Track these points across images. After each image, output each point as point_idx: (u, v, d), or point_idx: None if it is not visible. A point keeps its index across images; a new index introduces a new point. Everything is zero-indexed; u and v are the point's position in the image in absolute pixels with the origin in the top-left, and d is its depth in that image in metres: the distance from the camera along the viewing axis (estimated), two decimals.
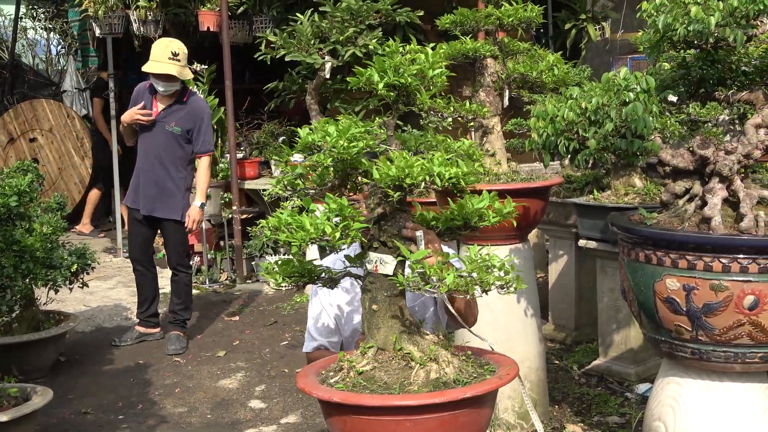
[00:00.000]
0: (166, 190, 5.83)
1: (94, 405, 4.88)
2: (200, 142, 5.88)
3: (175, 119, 5.80)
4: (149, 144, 5.85)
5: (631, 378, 4.80)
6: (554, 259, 5.81)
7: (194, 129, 5.84)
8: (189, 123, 5.82)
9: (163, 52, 5.66)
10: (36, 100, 10.52)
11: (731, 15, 2.77)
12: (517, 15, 4.27)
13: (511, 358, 2.54)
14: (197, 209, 5.92)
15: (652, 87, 2.89)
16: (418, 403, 2.22)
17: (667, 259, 2.70)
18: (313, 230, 2.28)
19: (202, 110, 5.94)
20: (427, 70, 2.41)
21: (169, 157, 5.82)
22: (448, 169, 2.27)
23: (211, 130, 6.08)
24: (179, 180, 5.87)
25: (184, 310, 6.03)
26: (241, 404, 4.86)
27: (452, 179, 2.28)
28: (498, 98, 4.36)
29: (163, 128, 5.80)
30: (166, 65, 5.63)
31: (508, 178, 4.20)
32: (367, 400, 2.26)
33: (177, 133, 5.80)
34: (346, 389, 2.34)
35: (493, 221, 2.40)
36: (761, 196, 2.77)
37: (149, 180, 5.83)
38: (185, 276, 6.02)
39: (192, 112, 5.85)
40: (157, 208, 5.84)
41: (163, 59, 5.64)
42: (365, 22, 7.30)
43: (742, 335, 2.67)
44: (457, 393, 2.25)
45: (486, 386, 2.30)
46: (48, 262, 5.13)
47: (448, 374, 2.35)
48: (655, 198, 4.31)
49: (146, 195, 5.84)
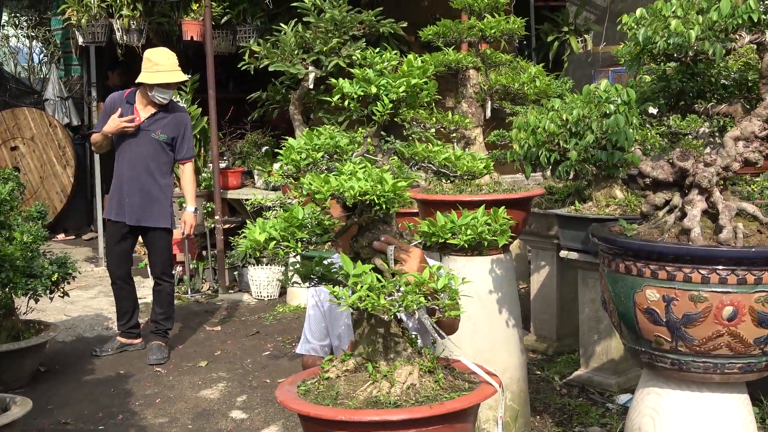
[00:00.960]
0: (153, 198, 5.81)
1: (74, 415, 4.84)
2: (184, 148, 5.95)
3: (161, 127, 5.83)
4: (134, 152, 5.81)
5: (612, 388, 4.82)
6: (536, 270, 5.83)
7: (178, 136, 5.89)
8: (174, 130, 5.87)
9: (171, 62, 5.76)
10: (18, 108, 10.48)
11: (711, 29, 2.79)
12: (499, 27, 4.30)
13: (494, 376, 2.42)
14: (192, 214, 6.04)
15: (632, 99, 2.91)
16: (369, 419, 2.13)
17: (647, 270, 2.72)
18: (259, 238, 2.24)
19: (185, 117, 6.02)
20: (394, 85, 2.34)
21: (156, 164, 5.83)
22: (357, 185, 2.14)
23: (192, 136, 6.17)
24: (165, 187, 5.89)
25: (166, 320, 6.00)
26: (223, 415, 4.84)
27: (364, 196, 2.16)
28: (480, 109, 4.39)
29: (149, 136, 5.80)
30: (179, 73, 5.79)
31: (490, 189, 4.22)
32: (325, 412, 2.18)
33: (163, 141, 5.83)
34: (312, 400, 2.28)
35: (465, 239, 2.31)
36: (740, 208, 2.79)
37: (135, 189, 5.79)
38: (168, 286, 6.00)
39: (176, 119, 5.90)
40: (144, 217, 5.81)
41: (174, 68, 5.76)
42: (349, 32, 7.33)
43: (721, 346, 2.69)
44: (423, 410, 2.14)
45: (457, 404, 2.19)
46: (28, 271, 5.10)
47: (419, 389, 2.26)
48: (635, 209, 4.34)
49: (132, 205, 5.80)
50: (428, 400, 2.21)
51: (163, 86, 5.74)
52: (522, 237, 5.66)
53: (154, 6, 8.03)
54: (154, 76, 5.70)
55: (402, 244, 2.38)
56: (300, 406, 2.24)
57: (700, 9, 2.89)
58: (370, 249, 2.35)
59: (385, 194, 2.16)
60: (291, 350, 5.96)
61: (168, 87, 5.78)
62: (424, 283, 2.18)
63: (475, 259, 4.17)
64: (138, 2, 7.86)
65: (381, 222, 2.35)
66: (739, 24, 2.75)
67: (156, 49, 5.98)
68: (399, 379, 2.27)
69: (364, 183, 2.15)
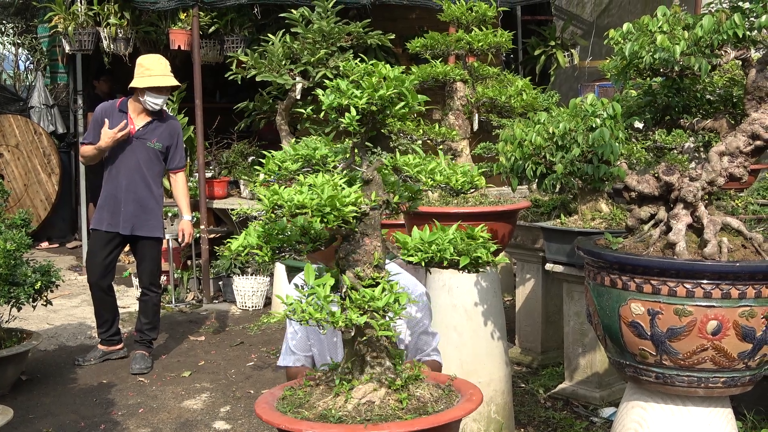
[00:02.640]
0: (148, 208, 5.78)
1: (56, 425, 4.80)
2: (177, 157, 5.95)
3: (156, 135, 5.81)
4: (129, 162, 5.77)
5: (597, 402, 4.83)
6: (521, 283, 5.84)
7: (172, 145, 5.89)
8: (168, 139, 5.86)
9: (164, 67, 5.73)
10: (3, 115, 10.43)
11: (696, 44, 2.82)
12: (487, 40, 4.32)
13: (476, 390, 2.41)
14: (189, 223, 6.06)
15: (618, 113, 2.93)
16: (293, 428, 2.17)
17: (632, 283, 2.73)
18: (233, 246, 2.28)
19: (177, 126, 6.01)
20: (359, 96, 2.29)
21: (151, 173, 5.81)
22: (296, 198, 2.15)
23: (183, 145, 6.14)
24: (159, 197, 5.88)
25: (151, 330, 5.96)
26: (206, 425, 4.81)
27: (302, 209, 2.16)
28: (467, 122, 4.40)
29: (144, 145, 5.78)
30: (171, 78, 5.74)
31: (476, 201, 4.22)
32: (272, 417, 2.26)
33: (158, 149, 5.82)
34: (279, 406, 2.33)
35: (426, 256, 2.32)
36: (725, 223, 2.81)
37: (130, 198, 5.75)
38: (155, 296, 5.98)
39: (170, 128, 5.90)
40: (138, 227, 5.77)
41: (166, 73, 5.72)
42: (336, 44, 7.34)
43: (706, 360, 2.70)
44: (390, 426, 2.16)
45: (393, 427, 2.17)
46: (11, 278, 5.06)
47: (375, 407, 2.26)
48: (621, 223, 4.36)
49: (127, 214, 5.75)
50: (380, 419, 2.21)
51: (154, 91, 5.70)
52: (508, 250, 5.66)
53: (142, 15, 8.01)
54: (146, 80, 5.67)
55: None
56: (258, 409, 2.33)
57: (686, 25, 2.92)
58: (346, 261, 2.34)
59: (321, 208, 2.14)
60: (275, 361, 5.94)
61: (160, 92, 5.73)
62: (371, 299, 2.19)
63: (460, 271, 4.16)
64: (125, 11, 7.84)
65: (362, 234, 2.33)
66: (724, 40, 2.77)
67: (149, 56, 5.95)
68: (356, 396, 2.28)
69: (303, 196, 2.15)
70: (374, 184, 2.35)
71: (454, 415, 2.25)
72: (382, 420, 2.20)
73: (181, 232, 6.05)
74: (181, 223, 6.06)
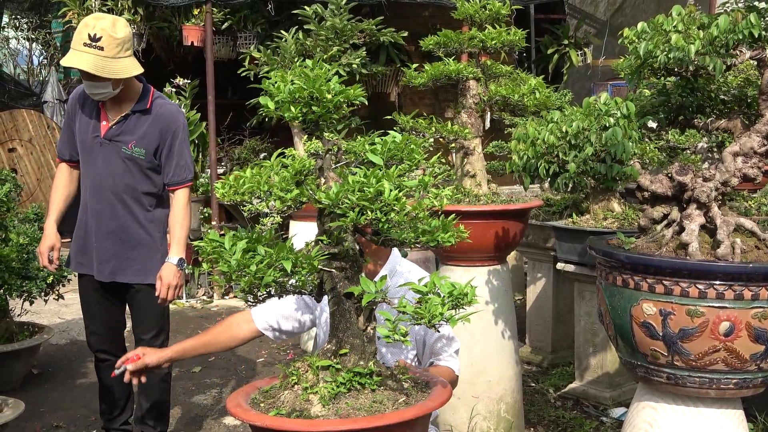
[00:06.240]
0: (132, 242, 3.88)
1: (66, 419, 4.82)
2: (172, 167, 3.85)
3: (135, 136, 3.80)
4: (100, 175, 3.84)
5: (607, 402, 4.82)
6: (532, 282, 5.83)
7: (163, 148, 3.83)
8: (154, 140, 3.81)
9: (78, 37, 3.65)
10: (16, 110, 10.48)
11: (711, 44, 2.80)
12: (500, 38, 4.31)
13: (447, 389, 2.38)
14: (173, 268, 3.81)
15: (632, 113, 2.91)
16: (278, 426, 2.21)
17: (645, 283, 2.72)
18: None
19: (172, 120, 3.86)
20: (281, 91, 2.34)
21: (132, 193, 3.85)
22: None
23: (189, 149, 3.96)
24: (149, 224, 3.90)
25: (158, 419, 4.12)
26: (215, 420, 4.82)
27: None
28: (479, 120, 4.39)
29: (118, 151, 3.80)
30: (80, 55, 3.62)
31: (488, 200, 4.22)
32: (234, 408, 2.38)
33: (139, 157, 3.80)
34: (255, 394, 2.47)
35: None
36: (738, 224, 2.80)
37: (104, 229, 3.88)
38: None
39: (158, 123, 3.82)
40: (120, 270, 3.88)
41: (78, 46, 3.64)
42: (349, 41, 7.35)
43: (717, 361, 2.69)
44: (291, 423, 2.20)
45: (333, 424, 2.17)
46: (24, 272, 5.08)
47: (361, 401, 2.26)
48: (633, 223, 4.35)
49: (101, 251, 3.88)
50: (336, 415, 2.22)
51: (84, 75, 3.67)
52: (519, 248, 5.66)
53: (155, 10, 8.04)
54: (69, 55, 3.69)
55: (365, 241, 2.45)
56: (232, 398, 2.48)
57: (701, 24, 2.91)
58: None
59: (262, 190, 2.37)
60: (286, 357, 5.95)
61: (92, 78, 3.63)
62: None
63: (471, 270, 4.17)
64: (139, 6, 7.87)
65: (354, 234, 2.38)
66: (739, 39, 2.76)
67: (95, 15, 3.75)
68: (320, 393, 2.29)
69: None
70: None
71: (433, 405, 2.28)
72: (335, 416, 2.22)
73: (158, 280, 3.80)
74: (163, 268, 3.81)
